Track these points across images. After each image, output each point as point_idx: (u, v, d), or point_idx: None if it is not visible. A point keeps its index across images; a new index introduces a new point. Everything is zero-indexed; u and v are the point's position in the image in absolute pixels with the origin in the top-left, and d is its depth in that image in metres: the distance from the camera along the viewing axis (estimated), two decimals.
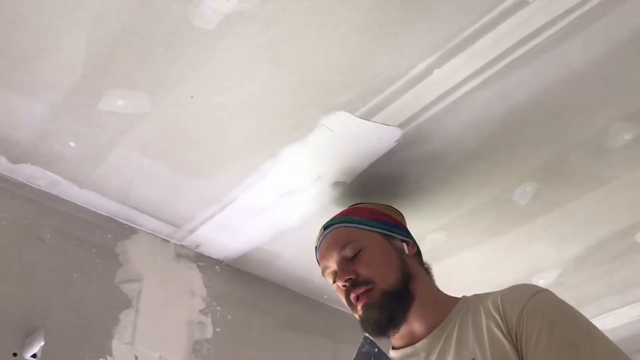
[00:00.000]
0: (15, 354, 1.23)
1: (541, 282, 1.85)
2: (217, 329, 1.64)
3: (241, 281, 1.77)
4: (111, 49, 1.14)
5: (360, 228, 1.29)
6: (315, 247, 1.38)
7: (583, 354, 0.95)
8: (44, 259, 1.38)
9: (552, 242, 1.71)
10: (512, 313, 1.04)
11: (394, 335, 1.20)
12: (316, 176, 1.46)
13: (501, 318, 1.05)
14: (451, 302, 1.20)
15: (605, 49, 1.18)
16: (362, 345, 1.29)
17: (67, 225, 1.45)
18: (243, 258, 1.75)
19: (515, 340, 1.01)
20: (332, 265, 1.27)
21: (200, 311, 1.62)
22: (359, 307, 1.19)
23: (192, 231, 1.63)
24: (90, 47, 1.14)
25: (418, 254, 1.32)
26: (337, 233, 1.30)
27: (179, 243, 1.67)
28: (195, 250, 1.70)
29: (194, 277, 1.66)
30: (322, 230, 1.35)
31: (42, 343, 1.23)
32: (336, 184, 1.48)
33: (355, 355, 1.29)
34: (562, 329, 0.98)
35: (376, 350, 1.27)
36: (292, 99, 1.26)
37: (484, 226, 1.65)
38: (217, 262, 1.74)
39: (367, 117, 1.30)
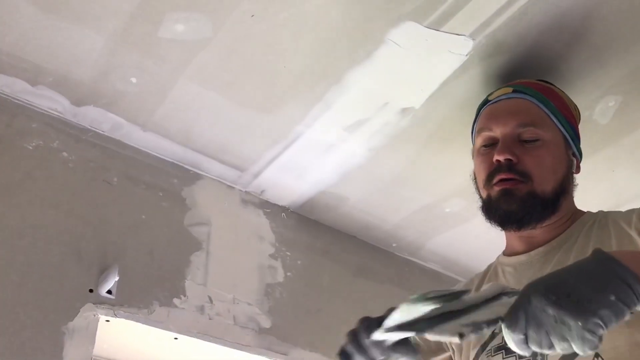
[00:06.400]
0: (91, 290, 1.22)
1: None
2: (288, 274, 1.59)
3: (308, 229, 1.72)
4: None
5: (551, 118, 1.13)
6: (486, 99, 1.23)
7: None
8: (113, 201, 1.36)
9: (639, 167, 1.60)
10: None
11: (511, 232, 1.11)
12: (383, 103, 1.40)
13: (630, 227, 0.98)
14: (577, 215, 1.11)
15: None
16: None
17: (133, 170, 1.43)
18: (309, 203, 1.70)
19: None
20: (496, 131, 1.12)
21: (270, 255, 1.58)
22: (496, 188, 1.08)
23: (257, 175, 1.59)
24: None
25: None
26: (527, 106, 1.14)
27: (244, 189, 1.64)
28: (261, 196, 1.66)
29: (262, 223, 1.62)
30: (509, 89, 1.19)
31: (117, 279, 1.21)
32: (404, 110, 1.41)
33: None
34: None
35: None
36: (358, 10, 1.19)
37: None
38: (283, 209, 1.70)
39: (436, 26, 1.23)
